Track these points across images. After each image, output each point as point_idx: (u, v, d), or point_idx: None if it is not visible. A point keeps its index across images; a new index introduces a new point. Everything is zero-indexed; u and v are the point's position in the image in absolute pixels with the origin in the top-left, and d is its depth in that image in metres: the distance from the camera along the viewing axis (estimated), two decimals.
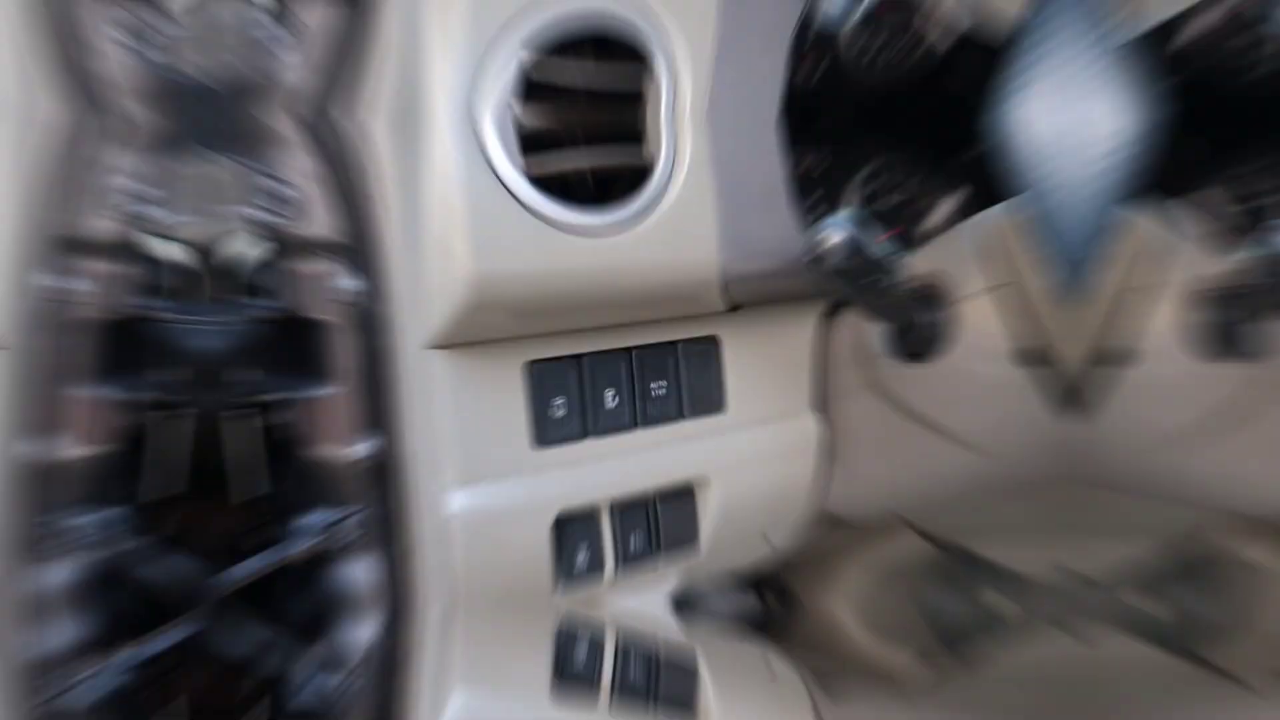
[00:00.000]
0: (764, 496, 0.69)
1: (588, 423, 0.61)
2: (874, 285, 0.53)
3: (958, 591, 1.30)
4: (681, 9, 0.57)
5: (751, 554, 0.74)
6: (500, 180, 0.54)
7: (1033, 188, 0.60)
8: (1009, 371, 0.57)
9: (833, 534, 0.88)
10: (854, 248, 0.50)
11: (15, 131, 0.52)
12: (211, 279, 0.63)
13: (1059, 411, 0.58)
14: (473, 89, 0.53)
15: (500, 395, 0.59)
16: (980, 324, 0.60)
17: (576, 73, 0.55)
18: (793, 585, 1.28)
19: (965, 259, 0.61)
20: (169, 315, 0.58)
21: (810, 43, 0.60)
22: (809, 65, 0.61)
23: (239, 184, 0.57)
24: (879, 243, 0.53)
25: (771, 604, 1.23)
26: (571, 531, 0.62)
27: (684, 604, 1.24)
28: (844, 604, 1.18)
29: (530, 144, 0.55)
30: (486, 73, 0.53)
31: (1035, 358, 0.59)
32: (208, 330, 0.59)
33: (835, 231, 0.51)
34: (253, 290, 0.61)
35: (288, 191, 0.57)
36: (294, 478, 0.68)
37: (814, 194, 0.60)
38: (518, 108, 0.54)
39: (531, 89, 0.54)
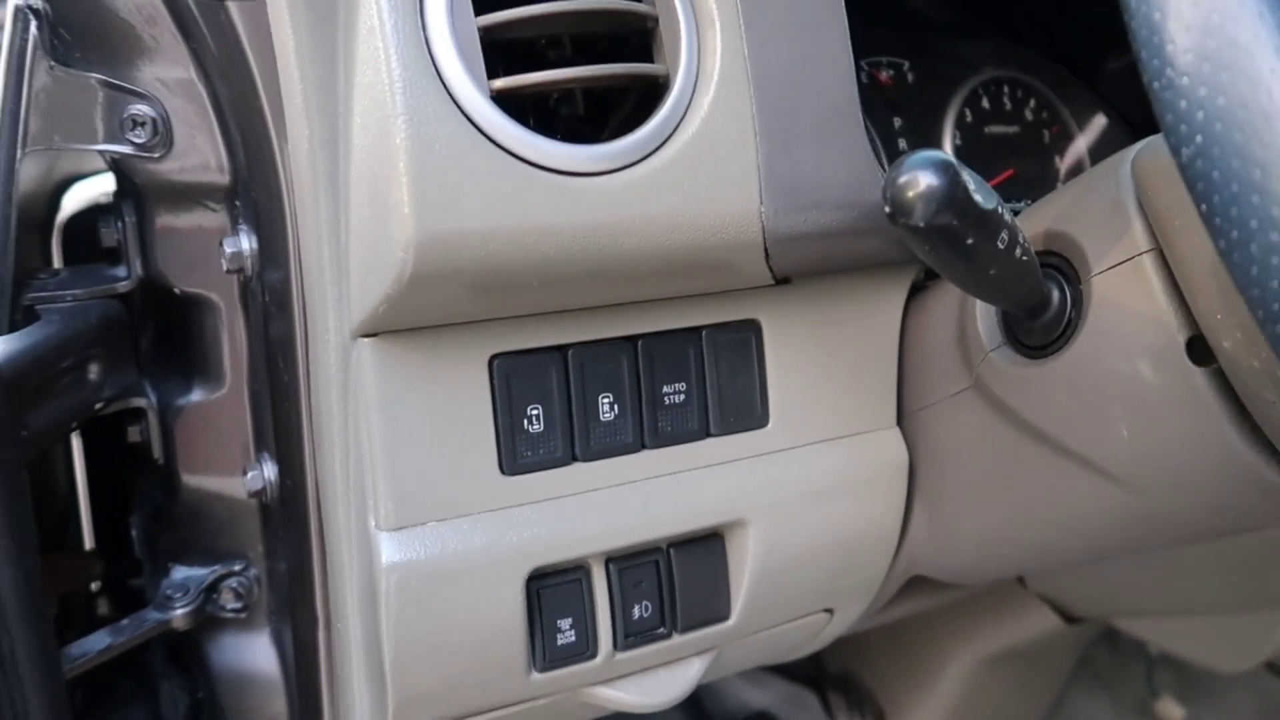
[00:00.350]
0: (822, 548, 0.51)
1: (575, 442, 0.44)
2: (980, 249, 0.35)
3: (1113, 695, 1.10)
4: None
5: (806, 633, 0.56)
6: (455, 101, 0.37)
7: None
8: (1171, 372, 0.39)
9: (924, 608, 0.71)
10: (953, 194, 0.33)
11: None
12: (59, 237, 0.48)
13: (1239, 428, 0.40)
14: None
15: (456, 402, 0.42)
16: (1127, 304, 0.42)
17: None
18: (870, 686, 1.10)
19: (1105, 215, 0.43)
20: None
21: None
22: None
23: (94, 104, 0.41)
24: (987, 188, 0.36)
25: (839, 714, 1.04)
26: (552, 594, 0.45)
27: (709, 710, 1.04)
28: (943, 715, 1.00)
29: (498, 52, 0.39)
30: None
31: (1202, 352, 0.41)
32: (47, 309, 0.43)
33: (926, 172, 0.33)
34: (109, 255, 0.46)
35: (152, 112, 0.41)
36: (164, 518, 0.52)
37: (896, 119, 0.43)
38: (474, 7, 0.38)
39: None
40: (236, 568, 0.53)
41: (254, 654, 0.54)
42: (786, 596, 0.51)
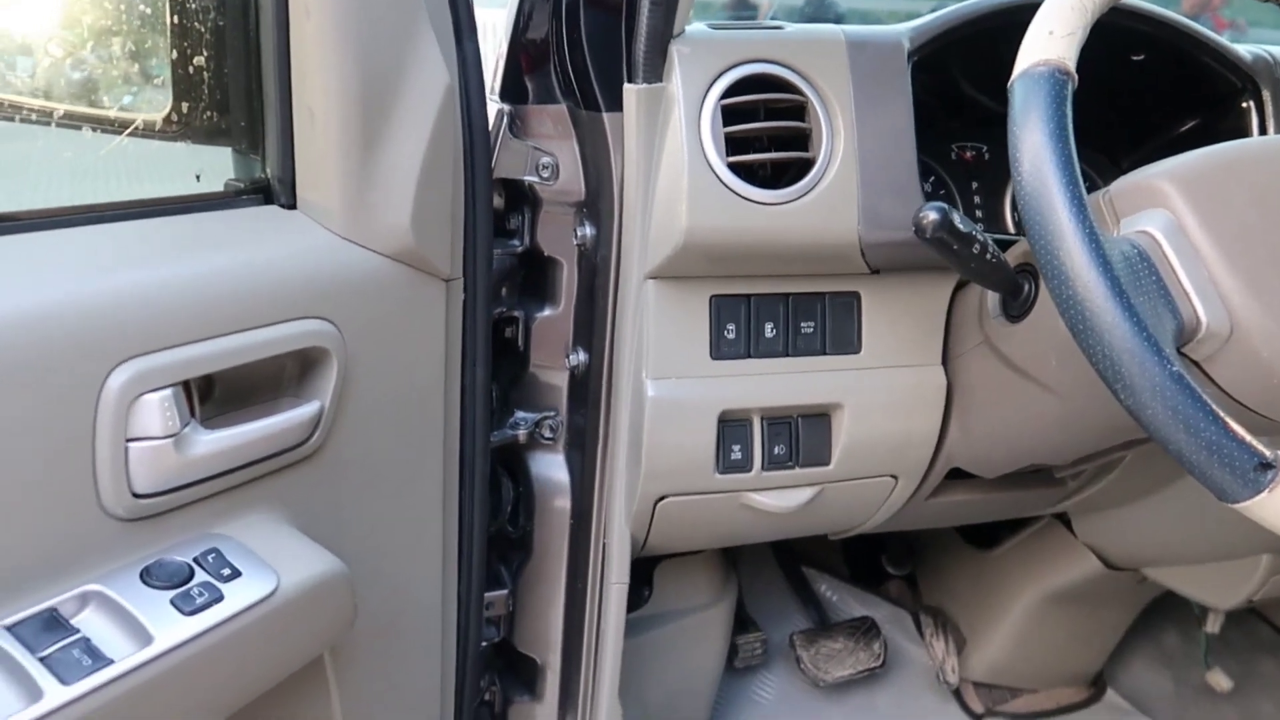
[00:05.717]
0: (890, 431, 0.88)
1: (751, 346, 0.83)
2: (963, 253, 0.71)
3: (1173, 669, 1.35)
4: (819, 68, 0.79)
5: (879, 493, 0.92)
6: (710, 167, 0.77)
7: None
8: None
9: (963, 500, 1.02)
10: (943, 223, 0.69)
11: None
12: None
13: None
14: (699, 107, 0.77)
15: (691, 317, 0.82)
16: None
17: (759, 102, 0.78)
18: (954, 616, 1.41)
19: None
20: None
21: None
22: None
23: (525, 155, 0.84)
24: (968, 221, 0.71)
25: (928, 633, 1.36)
26: (730, 429, 0.83)
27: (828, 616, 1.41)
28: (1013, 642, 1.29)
29: (731, 146, 0.78)
30: (707, 98, 0.77)
31: None
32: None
33: (931, 211, 0.70)
34: (509, 234, 0.88)
35: (552, 161, 0.83)
36: (517, 382, 0.93)
37: (974, 183, 0.80)
38: (723, 122, 0.78)
39: (731, 113, 0.78)
40: (550, 414, 0.94)
41: (554, 468, 0.94)
42: (865, 457, 0.87)
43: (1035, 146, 0.59)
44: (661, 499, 0.86)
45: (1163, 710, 1.37)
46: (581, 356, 0.89)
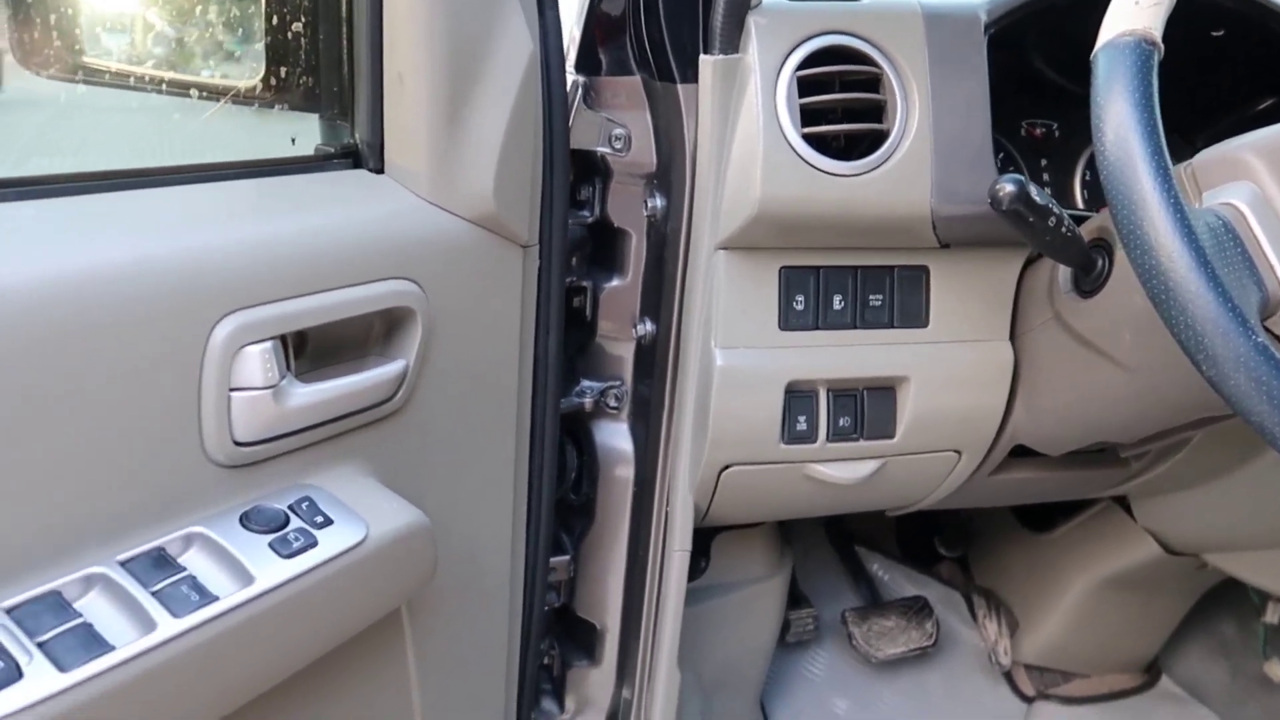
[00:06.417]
0: (955, 406, 0.88)
1: (819, 317, 0.84)
2: (1038, 225, 0.71)
3: (1231, 659, 1.34)
4: (895, 40, 0.79)
5: (942, 468, 0.92)
6: (785, 138, 0.78)
7: None
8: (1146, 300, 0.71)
9: (1025, 478, 1.02)
10: (1019, 194, 0.69)
11: None
12: None
13: None
14: (774, 79, 0.78)
15: (760, 288, 0.83)
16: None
17: (835, 74, 0.79)
18: (1007, 598, 1.41)
19: None
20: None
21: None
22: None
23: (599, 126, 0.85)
24: (1044, 194, 0.71)
25: (980, 615, 1.35)
26: (796, 400, 0.84)
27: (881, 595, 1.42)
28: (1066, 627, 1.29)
29: (805, 117, 0.79)
30: (783, 70, 0.78)
31: None
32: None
33: (1008, 183, 0.70)
34: (580, 204, 0.89)
35: (625, 133, 0.85)
36: (584, 351, 0.94)
37: (1043, 160, 0.80)
38: (799, 93, 0.78)
39: (806, 85, 0.78)
40: (616, 384, 0.96)
41: (618, 437, 0.96)
42: (929, 431, 0.88)
43: (1120, 116, 0.59)
44: (726, 468, 0.87)
45: (1218, 699, 1.36)
46: (649, 327, 0.90)
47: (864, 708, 1.31)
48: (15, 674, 0.47)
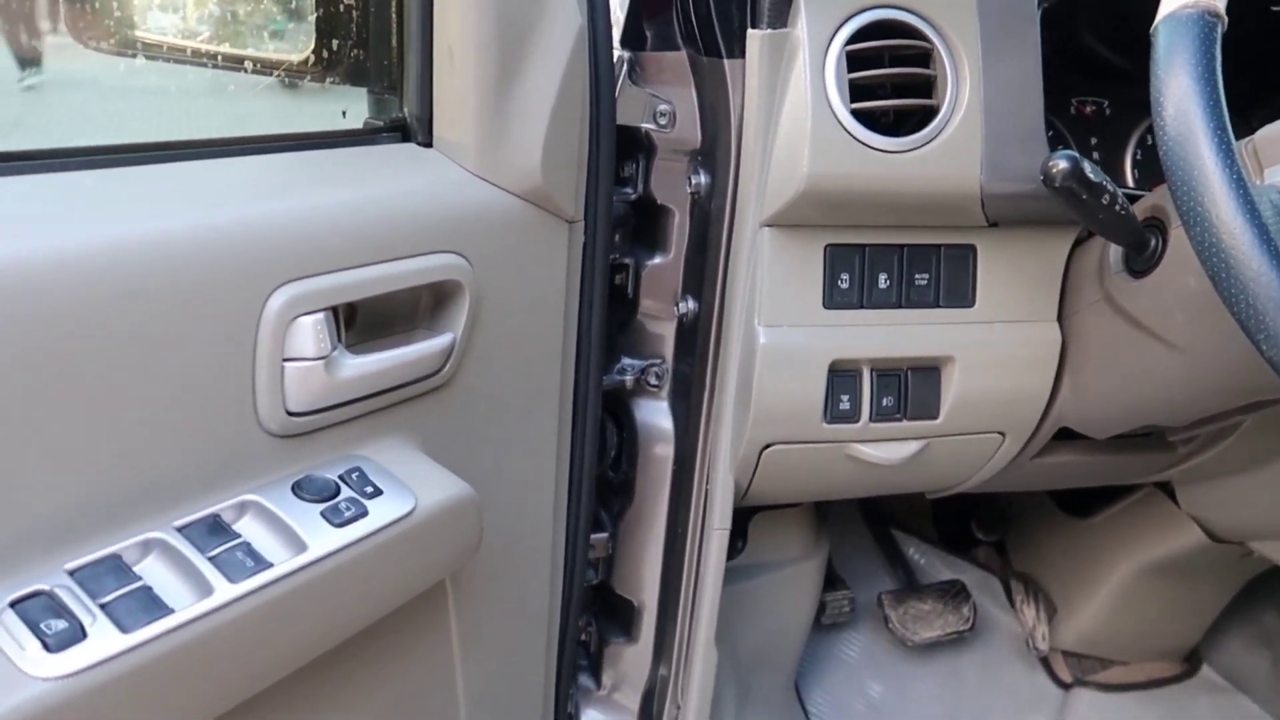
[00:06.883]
0: (1000, 387, 0.87)
1: (863, 296, 0.83)
2: (1091, 203, 0.70)
3: (1272, 649, 1.32)
4: (947, 15, 0.78)
5: (985, 449, 0.91)
6: (833, 113, 0.77)
7: None
8: (1202, 281, 0.70)
9: (1069, 460, 1.01)
10: (1073, 171, 0.68)
11: None
12: None
13: None
14: (823, 53, 0.77)
15: (805, 265, 0.82)
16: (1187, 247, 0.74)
17: (884, 49, 0.78)
18: (1046, 584, 1.40)
19: None
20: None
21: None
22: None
23: (644, 103, 0.85)
24: (1098, 170, 0.70)
25: (1019, 600, 1.34)
26: (839, 379, 0.84)
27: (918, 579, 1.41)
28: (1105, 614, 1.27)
29: (854, 92, 0.78)
30: (832, 44, 0.77)
31: None
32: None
33: (1061, 159, 0.69)
34: (622, 181, 0.89)
35: (669, 109, 0.84)
36: (625, 329, 0.94)
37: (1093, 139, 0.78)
38: (847, 68, 0.77)
39: (855, 59, 0.77)
40: (657, 362, 0.96)
41: (659, 415, 0.96)
42: (974, 412, 0.87)
43: (1181, 90, 0.58)
44: (768, 446, 0.86)
45: (1259, 689, 1.34)
46: (691, 304, 0.90)
47: (898, 691, 1.31)
48: (80, 634, 0.48)
